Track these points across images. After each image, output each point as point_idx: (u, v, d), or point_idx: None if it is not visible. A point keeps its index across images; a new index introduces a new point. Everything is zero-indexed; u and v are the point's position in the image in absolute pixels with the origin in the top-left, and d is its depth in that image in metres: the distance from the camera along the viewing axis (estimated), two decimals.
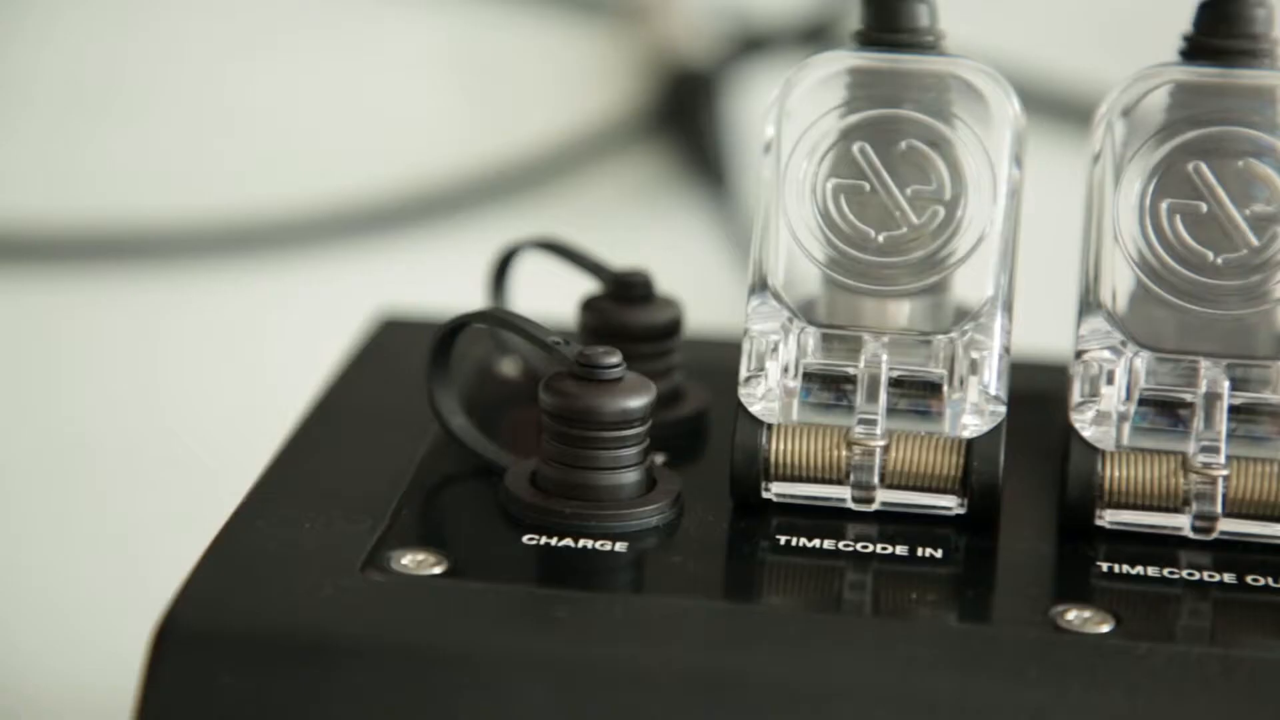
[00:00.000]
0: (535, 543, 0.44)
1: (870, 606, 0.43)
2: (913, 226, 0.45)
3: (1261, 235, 0.44)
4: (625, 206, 0.82)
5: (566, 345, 0.45)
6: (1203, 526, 0.44)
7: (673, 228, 0.80)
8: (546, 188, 0.81)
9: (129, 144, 0.82)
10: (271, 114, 0.82)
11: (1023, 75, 0.77)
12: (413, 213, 0.79)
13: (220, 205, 0.81)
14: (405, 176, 0.81)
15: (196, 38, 0.82)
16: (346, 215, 0.79)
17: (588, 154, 0.82)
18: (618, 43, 0.84)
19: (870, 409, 0.45)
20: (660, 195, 0.82)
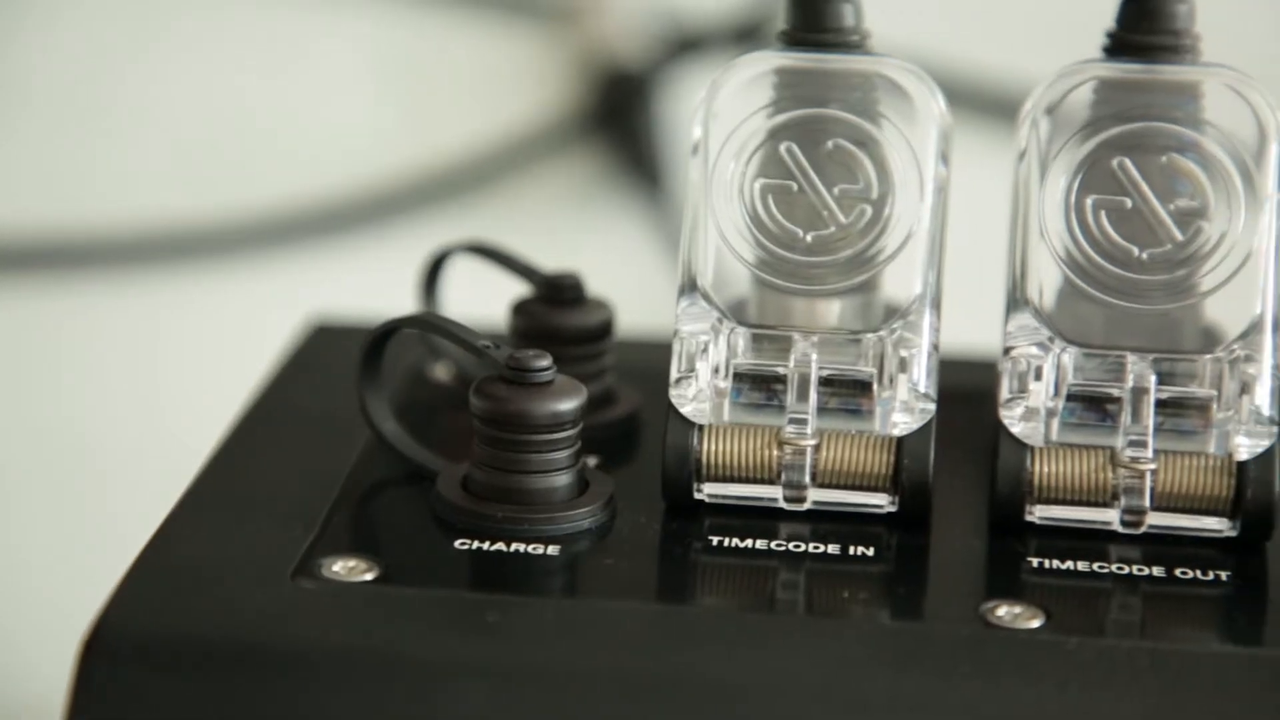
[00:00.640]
0: (467, 547, 0.44)
1: (803, 606, 0.43)
2: (840, 226, 0.46)
3: (1185, 230, 0.44)
4: (561, 209, 0.82)
5: (496, 349, 0.45)
6: (1131, 520, 0.44)
7: (609, 229, 0.80)
8: (481, 191, 0.81)
9: (62, 153, 0.82)
10: (203, 122, 0.82)
11: (949, 73, 0.77)
12: (347, 218, 0.79)
13: (152, 214, 0.80)
14: (339, 182, 0.80)
15: (122, 46, 0.82)
16: (280, 222, 0.79)
17: (522, 157, 0.82)
18: (551, 45, 0.84)
19: (801, 408, 0.45)
20: (596, 197, 0.82)
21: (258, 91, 0.82)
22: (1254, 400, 0.44)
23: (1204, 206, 0.44)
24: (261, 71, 0.82)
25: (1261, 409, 0.44)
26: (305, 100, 0.82)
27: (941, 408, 0.45)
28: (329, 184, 0.80)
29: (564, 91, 0.83)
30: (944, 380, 0.46)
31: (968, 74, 0.79)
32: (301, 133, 0.82)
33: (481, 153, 0.81)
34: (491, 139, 0.82)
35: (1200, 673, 0.40)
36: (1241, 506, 0.44)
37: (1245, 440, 0.44)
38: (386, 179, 0.81)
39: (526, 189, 0.82)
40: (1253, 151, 0.44)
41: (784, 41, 0.47)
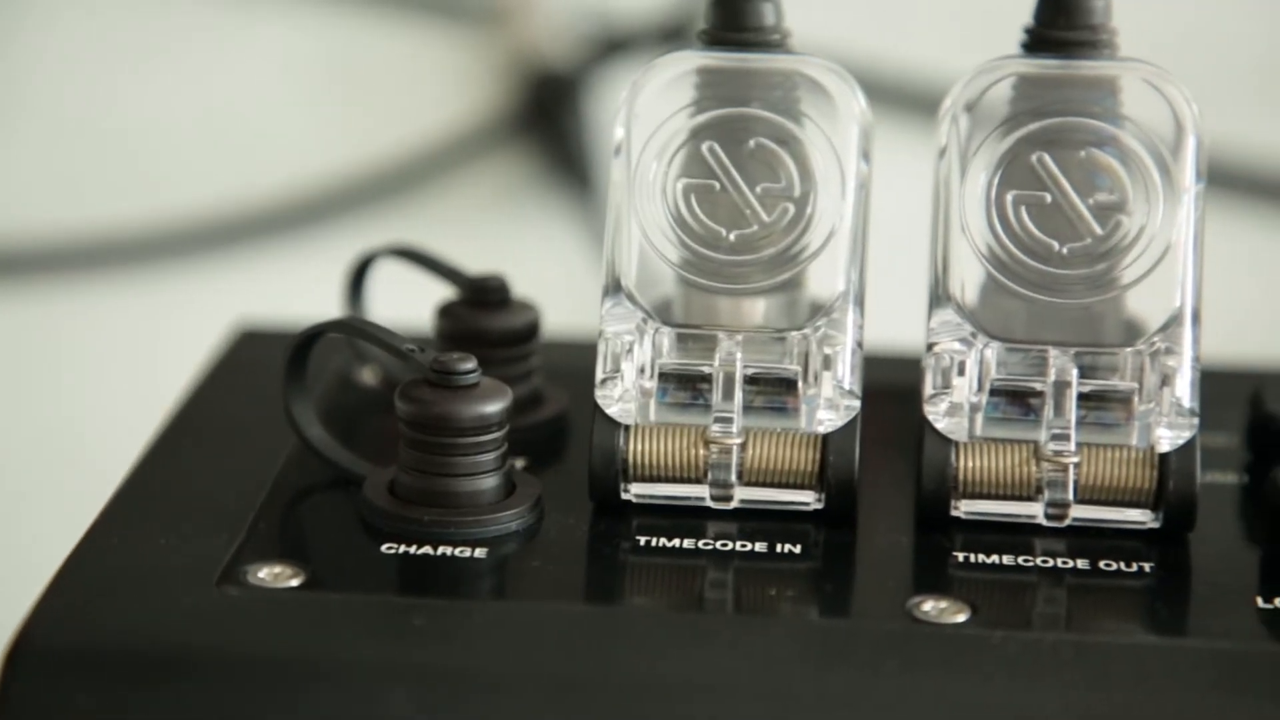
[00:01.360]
0: (394, 551, 0.44)
1: (732, 604, 0.43)
2: (763, 224, 0.46)
3: (1105, 224, 0.45)
4: (491, 211, 0.82)
5: (421, 352, 0.45)
6: (1056, 514, 0.44)
7: (539, 231, 0.80)
8: (411, 194, 0.81)
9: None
10: (132, 126, 0.81)
11: (871, 70, 0.78)
12: (277, 222, 0.79)
13: (81, 220, 0.80)
14: (268, 186, 0.80)
15: (52, 49, 0.81)
16: (209, 227, 0.78)
17: (452, 159, 0.82)
18: (480, 47, 0.84)
19: (726, 407, 0.45)
20: (526, 198, 0.82)
21: (184, 96, 0.81)
22: (1175, 392, 0.44)
23: (1123, 200, 0.45)
24: (187, 75, 0.82)
25: (1182, 401, 0.44)
26: (233, 104, 0.82)
27: (867, 404, 0.45)
28: (258, 188, 0.80)
29: (492, 93, 0.83)
30: (870, 377, 0.46)
31: (890, 71, 0.80)
32: (230, 137, 0.81)
33: (411, 155, 0.81)
34: (421, 141, 0.82)
35: (1124, 664, 0.40)
36: (1164, 498, 0.44)
37: (1166, 432, 0.44)
38: (315, 183, 0.80)
39: (456, 191, 0.82)
40: (1170, 145, 0.45)
41: (705, 41, 0.47)
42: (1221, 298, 0.58)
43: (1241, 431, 0.49)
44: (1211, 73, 0.79)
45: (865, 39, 0.78)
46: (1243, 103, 0.78)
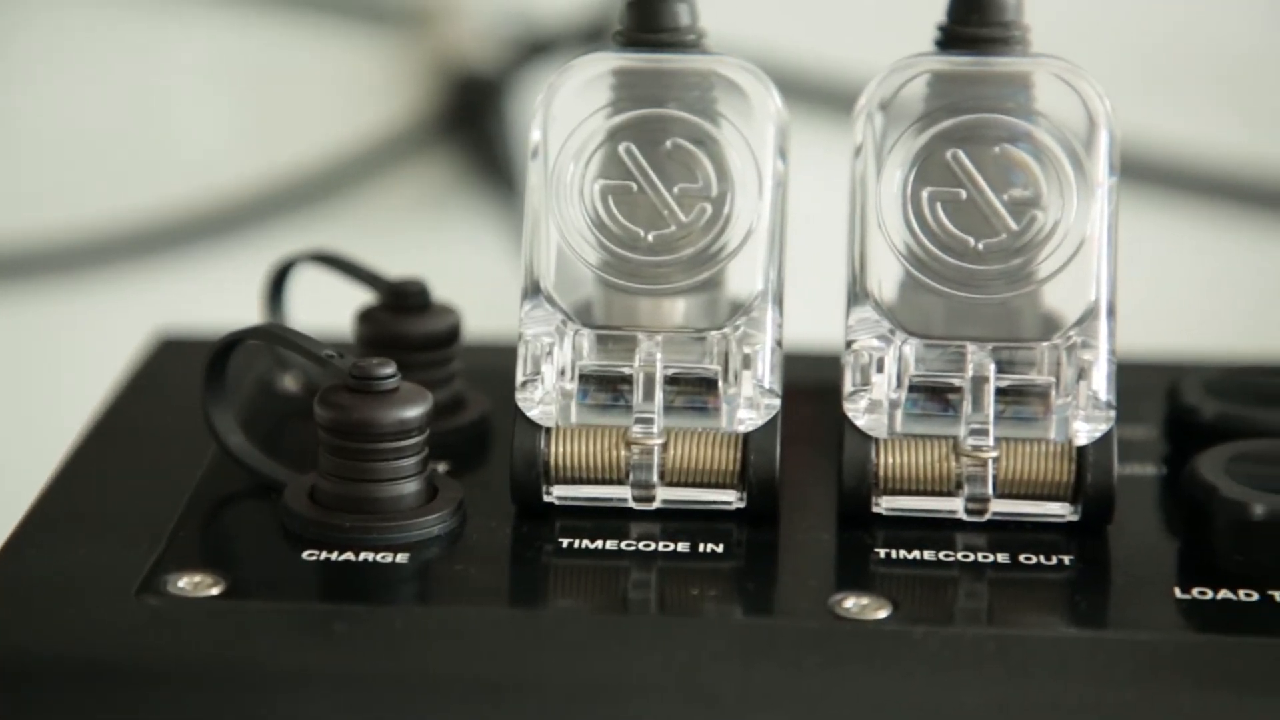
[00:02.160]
0: (315, 558, 0.43)
1: (655, 605, 0.43)
2: (681, 224, 0.46)
3: (1020, 219, 0.45)
4: (416, 215, 0.82)
5: (340, 358, 0.45)
6: (975, 509, 0.44)
7: (464, 234, 0.80)
8: (336, 199, 0.81)
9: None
10: (47, 134, 0.81)
11: (789, 68, 0.78)
12: (198, 230, 0.79)
13: None
14: (190, 193, 0.80)
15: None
16: (129, 235, 0.78)
17: (376, 163, 0.82)
18: (403, 50, 0.83)
19: (647, 408, 0.45)
20: (450, 202, 0.82)
21: (103, 102, 0.81)
22: (1091, 386, 0.44)
23: (1037, 195, 0.45)
24: (107, 81, 0.81)
25: (1099, 394, 0.44)
26: (153, 111, 0.81)
27: (788, 403, 0.46)
28: (179, 195, 0.80)
29: (416, 97, 0.83)
30: (790, 375, 0.46)
31: (807, 69, 0.80)
32: (150, 144, 0.81)
33: (334, 160, 0.81)
34: (344, 146, 0.81)
35: (1044, 657, 0.41)
36: (1082, 491, 0.44)
37: (1084, 425, 0.44)
38: (238, 189, 0.80)
39: (381, 196, 0.81)
40: (1083, 140, 0.45)
41: (620, 42, 0.47)
42: (1139, 290, 0.58)
43: (1159, 424, 0.49)
44: (1128, 65, 0.79)
45: (783, 38, 0.78)
46: (1154, 95, 0.79)
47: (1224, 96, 0.80)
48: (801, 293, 0.51)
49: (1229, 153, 0.79)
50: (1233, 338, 0.70)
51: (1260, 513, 0.43)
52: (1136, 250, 0.59)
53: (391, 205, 0.81)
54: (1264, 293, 0.77)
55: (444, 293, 0.51)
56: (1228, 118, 0.80)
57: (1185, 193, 0.79)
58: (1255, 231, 0.78)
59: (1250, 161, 0.79)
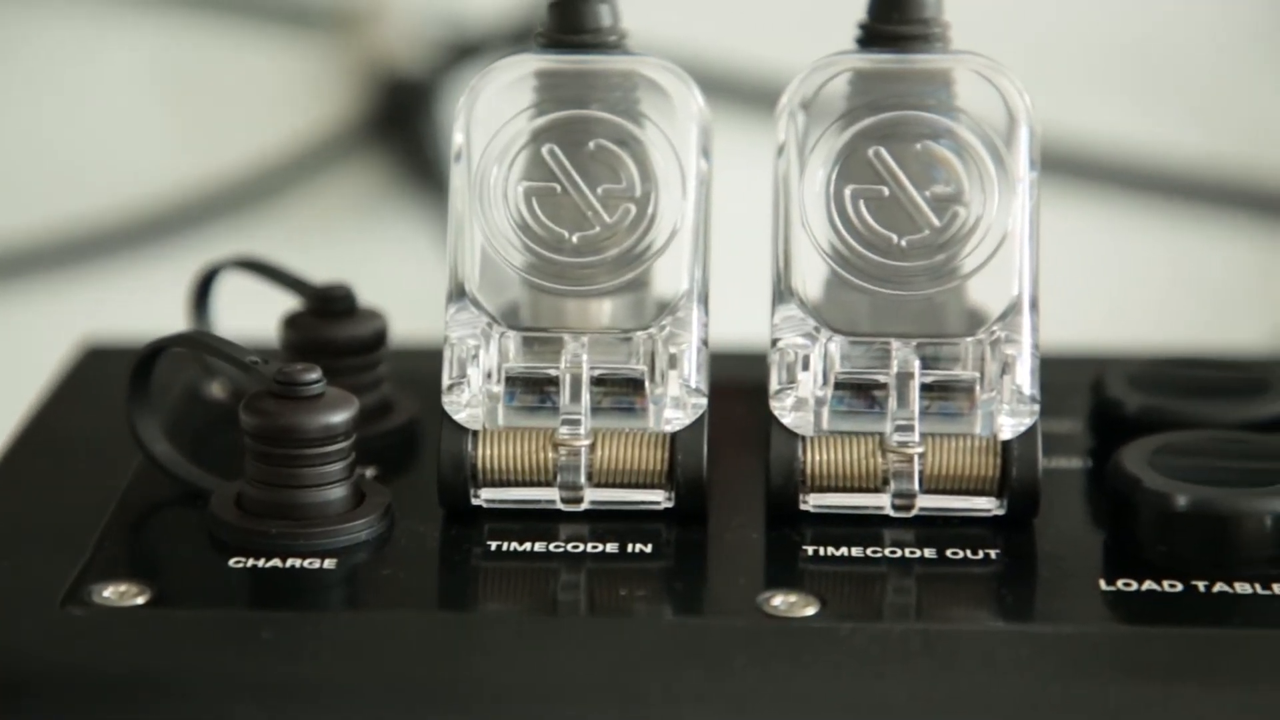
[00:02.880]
0: (242, 565, 0.43)
1: (585, 606, 0.43)
2: (606, 225, 0.46)
3: (942, 216, 0.45)
4: (346, 219, 0.81)
5: (265, 364, 0.45)
6: (902, 504, 0.45)
7: (395, 238, 0.80)
8: (265, 204, 0.80)
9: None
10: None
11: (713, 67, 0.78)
12: (126, 238, 0.78)
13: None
14: (119, 201, 0.79)
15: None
16: (57, 244, 0.77)
17: (306, 168, 0.81)
18: (332, 54, 0.83)
19: (574, 409, 0.45)
20: (381, 206, 0.82)
21: (28, 110, 0.80)
22: (1015, 380, 0.44)
23: (959, 191, 0.45)
24: (34, 87, 0.81)
25: (1023, 388, 0.44)
26: (78, 117, 0.81)
27: (716, 402, 0.46)
28: (106, 203, 0.79)
29: (345, 101, 0.83)
30: (718, 374, 0.46)
31: (732, 67, 0.80)
32: (75, 151, 0.80)
33: (264, 165, 0.81)
34: (274, 151, 0.81)
35: (971, 651, 0.41)
36: (1008, 485, 0.44)
37: (1008, 420, 0.44)
38: (165, 196, 0.80)
39: (311, 200, 0.81)
40: (1004, 135, 0.45)
41: (542, 44, 0.47)
42: (1065, 284, 0.58)
43: (1085, 417, 0.50)
44: (1050, 59, 0.80)
45: (707, 37, 0.78)
46: (1075, 89, 0.79)
47: (1147, 90, 0.81)
48: (729, 291, 0.51)
49: (1151, 146, 0.80)
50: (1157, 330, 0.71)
51: (1183, 504, 0.43)
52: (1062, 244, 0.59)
53: (322, 210, 0.81)
54: (1188, 285, 0.77)
55: (376, 297, 0.50)
56: (1149, 111, 0.80)
57: (1108, 186, 0.79)
58: (1178, 224, 0.79)
59: (1173, 154, 0.79)
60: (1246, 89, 0.81)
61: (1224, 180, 0.79)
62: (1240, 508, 0.43)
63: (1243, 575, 0.43)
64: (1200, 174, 0.79)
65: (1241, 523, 0.43)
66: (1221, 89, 0.81)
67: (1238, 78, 0.81)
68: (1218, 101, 0.81)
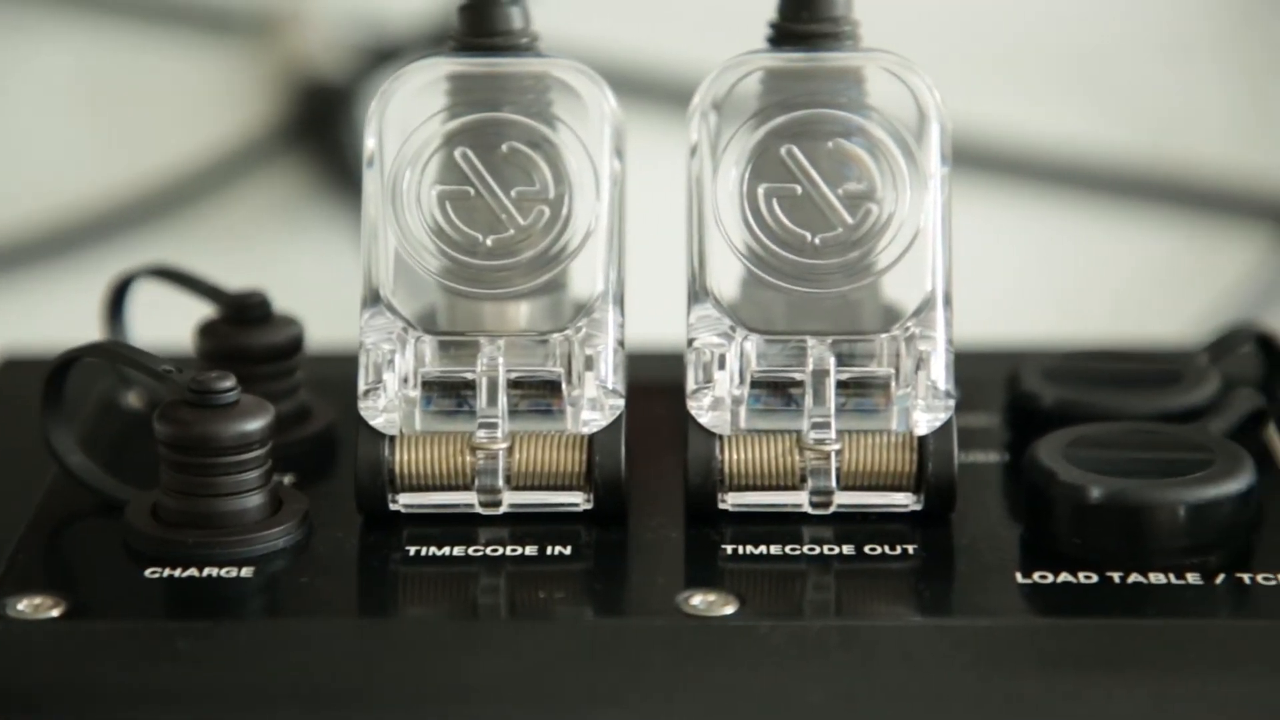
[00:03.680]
0: (159, 575, 0.43)
1: (505, 610, 0.43)
2: (520, 228, 0.46)
3: (855, 213, 0.45)
4: (267, 225, 0.81)
5: (179, 373, 0.44)
6: (820, 501, 0.45)
7: (316, 243, 0.80)
8: (185, 212, 0.80)
9: None
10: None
11: (628, 68, 0.78)
12: (44, 247, 0.78)
13: None
14: (35, 210, 0.79)
15: None
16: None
17: (226, 174, 0.81)
18: (251, 59, 0.83)
19: (490, 412, 0.45)
20: (302, 211, 0.81)
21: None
22: (930, 376, 0.44)
23: (871, 189, 0.45)
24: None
25: (937, 384, 0.44)
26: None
27: (636, 403, 0.46)
28: (24, 212, 0.79)
29: (265, 106, 0.82)
30: (637, 375, 0.46)
31: (644, 69, 0.80)
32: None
33: (184, 172, 0.80)
34: (193, 157, 0.81)
35: (889, 646, 0.41)
36: (925, 480, 0.45)
37: (924, 415, 0.44)
38: (83, 205, 0.79)
39: (232, 207, 0.81)
40: (914, 132, 0.45)
41: (454, 47, 0.47)
42: (979, 279, 0.59)
43: (1001, 411, 0.50)
44: (965, 54, 0.80)
45: (618, 38, 0.78)
46: (988, 83, 0.80)
47: (1060, 84, 0.81)
48: (645, 292, 0.51)
49: (1065, 140, 0.80)
50: (1074, 324, 0.71)
51: (1097, 496, 0.43)
52: (978, 239, 0.59)
53: (242, 217, 0.81)
54: (1104, 278, 0.78)
55: (297, 303, 0.50)
56: (1063, 105, 0.81)
57: (1023, 180, 0.80)
58: (1093, 217, 0.79)
59: (1087, 148, 0.80)
60: (1159, 82, 0.81)
61: (1138, 173, 0.80)
62: (1153, 499, 0.43)
63: (1156, 566, 0.43)
64: (1114, 167, 0.80)
65: (1154, 514, 0.43)
66: (1134, 82, 0.81)
67: (1150, 71, 0.81)
68: (1131, 94, 0.81)
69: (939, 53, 0.59)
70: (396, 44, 0.84)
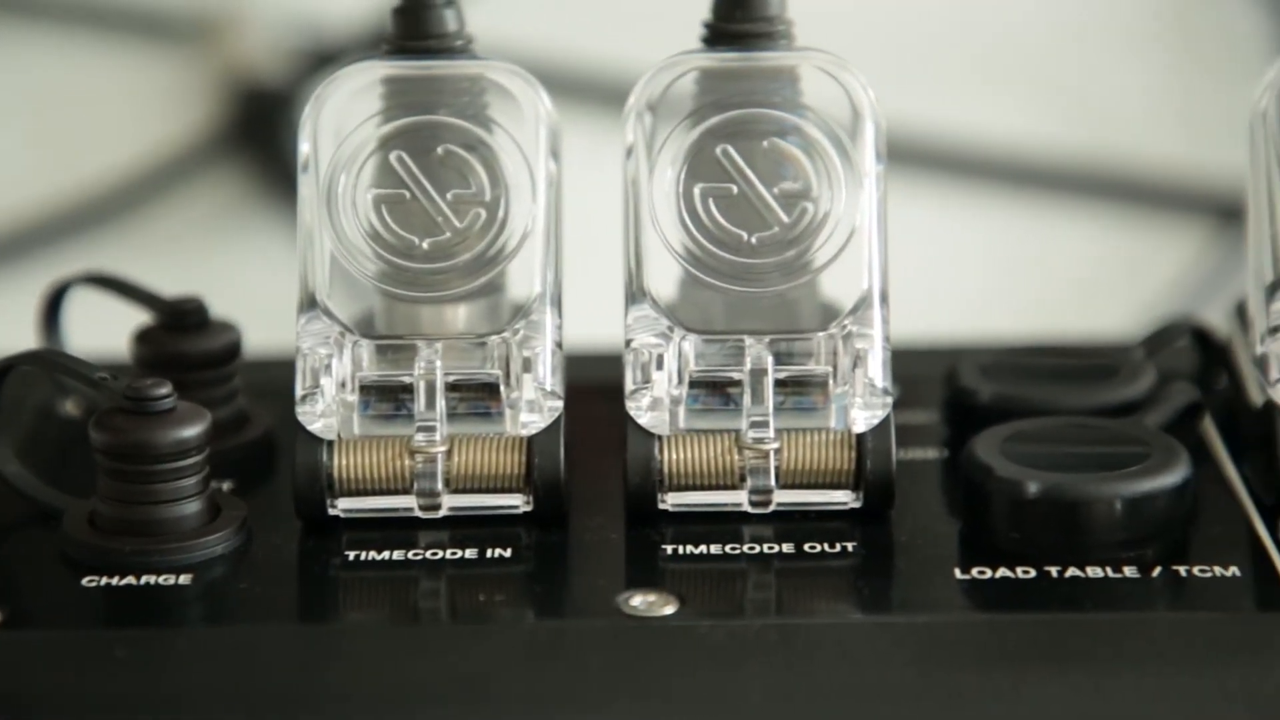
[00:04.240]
0: (96, 584, 0.43)
1: (446, 613, 0.43)
2: (456, 231, 0.46)
3: (791, 212, 0.45)
4: (207, 230, 0.81)
5: (115, 380, 0.44)
6: (759, 500, 0.45)
7: (257, 248, 0.80)
8: (124, 218, 0.80)
9: None
10: None
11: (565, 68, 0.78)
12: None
13: None
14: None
15: None
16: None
17: (165, 180, 0.81)
18: (189, 64, 0.83)
19: (429, 416, 0.45)
20: (243, 216, 0.81)
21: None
22: (867, 373, 0.45)
23: (807, 187, 0.45)
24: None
25: (874, 381, 0.45)
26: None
27: (575, 404, 0.46)
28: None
29: (204, 111, 0.82)
30: (575, 377, 0.46)
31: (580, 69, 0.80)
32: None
33: (124, 178, 0.80)
34: (132, 164, 0.80)
35: (829, 644, 0.41)
36: (863, 478, 0.45)
37: (862, 413, 0.45)
38: (23, 212, 0.79)
39: (172, 213, 0.80)
40: (849, 131, 0.45)
41: (388, 50, 0.47)
42: (918, 276, 0.59)
43: (940, 407, 0.50)
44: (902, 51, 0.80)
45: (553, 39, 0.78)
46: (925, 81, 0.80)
47: (993, 79, 0.82)
48: (583, 293, 0.51)
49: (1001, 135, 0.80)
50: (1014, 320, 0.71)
51: (1034, 491, 0.43)
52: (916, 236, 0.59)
53: (183, 222, 0.80)
54: (1043, 273, 0.78)
55: (238, 308, 0.50)
56: (997, 100, 0.81)
57: (960, 176, 0.80)
58: (1031, 213, 0.79)
59: (1023, 142, 0.80)
60: (1096, 77, 0.81)
61: (1076, 168, 0.80)
62: (1089, 493, 0.43)
63: (1093, 559, 0.43)
64: (1052, 163, 0.80)
65: (1091, 508, 0.43)
66: (1071, 78, 0.82)
67: (1087, 66, 0.82)
68: (1067, 90, 0.81)
69: (874, 51, 0.60)
70: (335, 48, 0.84)
